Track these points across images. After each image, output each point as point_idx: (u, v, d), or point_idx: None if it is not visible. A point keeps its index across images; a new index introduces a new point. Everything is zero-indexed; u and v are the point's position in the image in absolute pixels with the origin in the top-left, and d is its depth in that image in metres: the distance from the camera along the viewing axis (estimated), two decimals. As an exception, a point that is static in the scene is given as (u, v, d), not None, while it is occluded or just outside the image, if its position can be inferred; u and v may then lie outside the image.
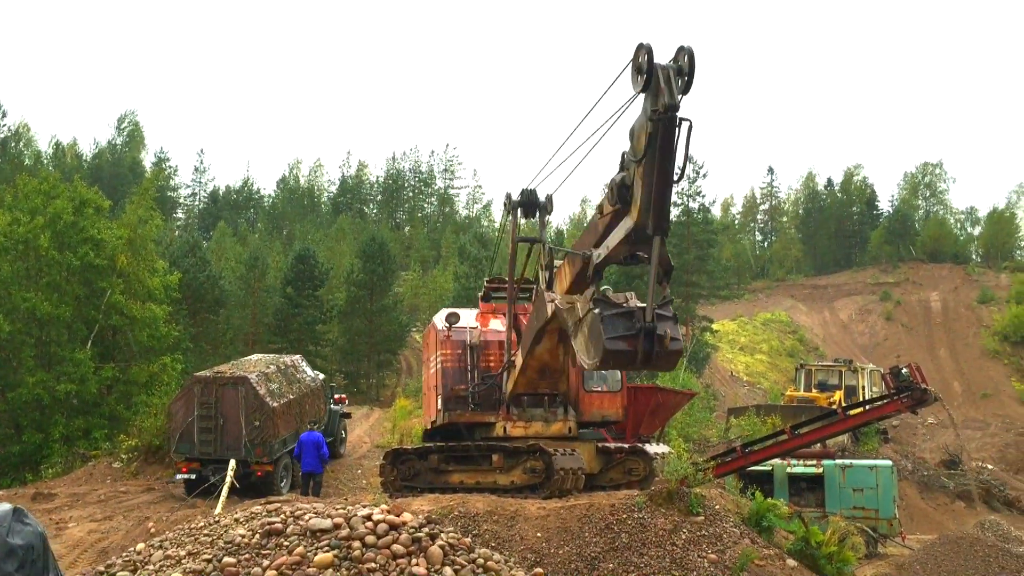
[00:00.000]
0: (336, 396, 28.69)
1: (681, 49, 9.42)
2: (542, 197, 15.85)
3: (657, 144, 9.53)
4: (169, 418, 23.44)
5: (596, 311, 10.34)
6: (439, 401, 16.12)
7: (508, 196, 16.00)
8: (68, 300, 32.85)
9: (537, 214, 16.03)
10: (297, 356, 27.66)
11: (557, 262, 13.41)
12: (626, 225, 10.30)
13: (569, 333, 11.43)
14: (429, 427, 17.30)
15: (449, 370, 16.18)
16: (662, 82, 9.35)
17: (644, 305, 10.17)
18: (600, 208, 11.25)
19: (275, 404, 22.66)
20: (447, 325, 16.50)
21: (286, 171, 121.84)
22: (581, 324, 10.88)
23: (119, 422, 31.84)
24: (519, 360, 15.08)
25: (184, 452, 22.64)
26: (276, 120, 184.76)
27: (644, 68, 9.40)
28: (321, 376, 27.60)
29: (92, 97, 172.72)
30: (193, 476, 22.31)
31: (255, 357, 27.31)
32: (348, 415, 30.43)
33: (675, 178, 9.82)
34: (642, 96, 9.62)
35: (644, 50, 9.41)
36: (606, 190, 10.84)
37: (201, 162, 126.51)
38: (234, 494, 20.00)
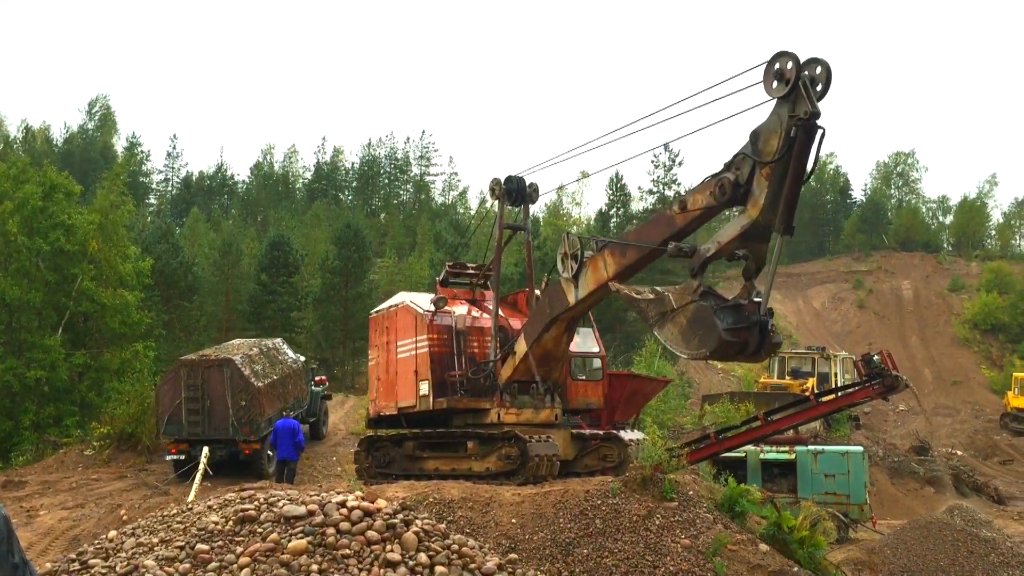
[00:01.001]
0: (316, 378, 29.06)
1: (814, 60, 9.87)
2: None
3: (796, 148, 10.02)
4: (157, 401, 23.95)
5: (705, 303, 10.80)
6: (424, 386, 15.85)
7: (498, 183, 15.94)
8: (38, 286, 32.48)
9: (522, 203, 16.26)
10: (278, 339, 28.38)
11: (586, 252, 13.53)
12: (742, 222, 10.66)
13: (649, 322, 11.55)
14: (394, 412, 16.77)
15: (437, 355, 15.88)
16: (804, 91, 9.77)
17: (745, 301, 10.91)
18: (682, 203, 11.55)
19: (260, 384, 23.27)
20: (433, 309, 16.27)
21: (260, 157, 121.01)
22: (675, 314, 11.12)
23: (90, 409, 31.59)
24: (521, 346, 15.10)
25: (172, 433, 23.16)
26: (250, 105, 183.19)
27: (787, 76, 9.88)
28: (302, 358, 28.18)
29: (63, 81, 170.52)
30: (182, 456, 22.78)
31: (237, 341, 27.92)
32: (329, 396, 30.82)
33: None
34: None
35: (789, 58, 9.90)
36: (687, 189, 11.55)
37: (174, 147, 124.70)
38: (208, 480, 19.93)
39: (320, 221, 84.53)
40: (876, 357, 17.77)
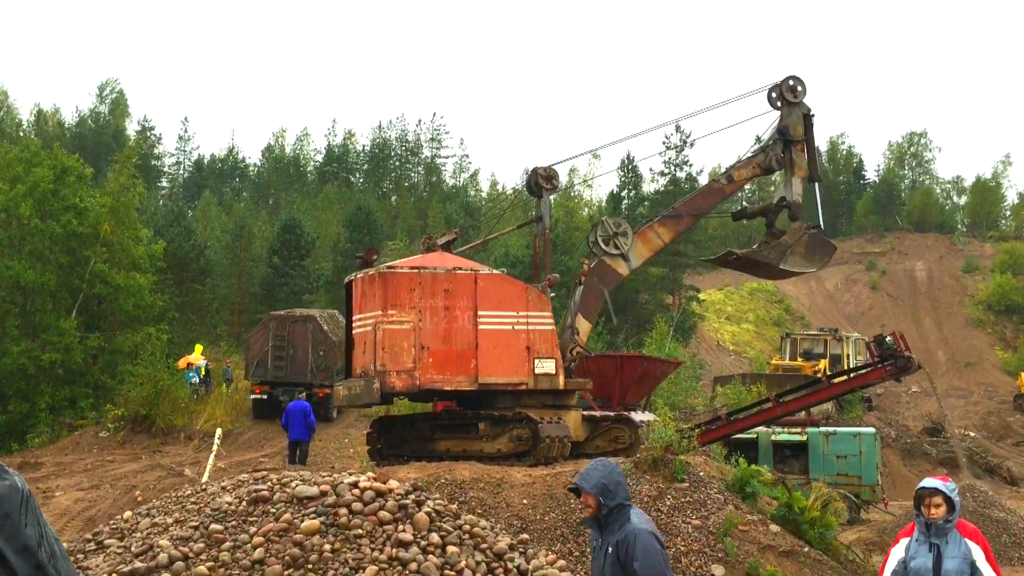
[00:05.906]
0: None
1: (794, 76, 16.62)
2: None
3: (811, 129, 16.47)
4: (247, 348, 28.34)
5: (816, 232, 16.68)
6: (549, 364, 15.17)
7: (555, 173, 16.20)
8: (52, 269, 32.60)
9: (552, 193, 17.13)
10: (335, 311, 31.81)
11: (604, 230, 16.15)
12: (800, 179, 16.54)
13: (774, 262, 16.28)
14: (469, 388, 15.19)
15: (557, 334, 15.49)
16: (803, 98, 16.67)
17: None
18: (729, 177, 16.79)
19: (335, 339, 26.82)
20: (546, 285, 15.70)
21: (271, 140, 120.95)
22: (792, 247, 16.30)
23: (105, 391, 31.78)
24: (584, 324, 15.91)
25: (259, 376, 27.14)
26: (261, 88, 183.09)
27: (797, 89, 16.49)
28: None
29: (75, 65, 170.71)
30: (264, 396, 26.71)
31: (301, 310, 32.90)
32: None
33: None
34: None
35: (799, 80, 16.57)
36: (729, 167, 17.29)
37: (185, 130, 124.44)
38: (221, 460, 20.06)
39: (331, 204, 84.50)
40: (888, 338, 17.72)
